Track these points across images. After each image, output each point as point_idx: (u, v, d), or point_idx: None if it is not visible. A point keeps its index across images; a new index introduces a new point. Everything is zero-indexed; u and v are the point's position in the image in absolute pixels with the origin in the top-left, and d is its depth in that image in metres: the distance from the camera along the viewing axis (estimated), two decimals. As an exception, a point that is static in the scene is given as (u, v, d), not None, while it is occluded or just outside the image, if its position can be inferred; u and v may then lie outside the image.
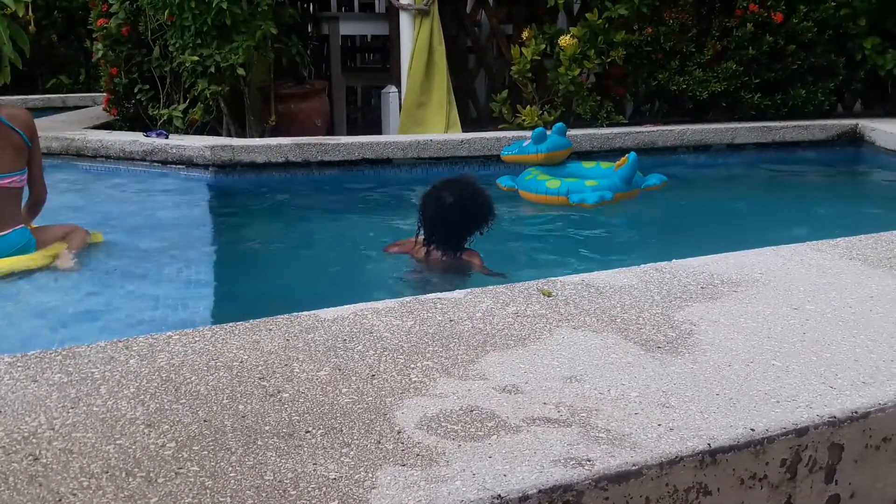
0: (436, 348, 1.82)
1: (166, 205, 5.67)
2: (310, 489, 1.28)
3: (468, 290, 2.20)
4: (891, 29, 7.54)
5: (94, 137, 6.69)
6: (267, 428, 1.47)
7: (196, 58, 6.59)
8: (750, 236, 4.18)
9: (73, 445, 1.41)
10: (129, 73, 7.38)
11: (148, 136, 6.61)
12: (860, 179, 6.81)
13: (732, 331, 1.93)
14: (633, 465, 1.36)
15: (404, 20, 7.41)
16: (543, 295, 2.17)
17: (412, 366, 1.73)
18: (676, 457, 1.39)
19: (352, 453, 1.38)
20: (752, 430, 1.47)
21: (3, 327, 3.49)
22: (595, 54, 7.04)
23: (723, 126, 7.21)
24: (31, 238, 4.12)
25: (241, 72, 6.65)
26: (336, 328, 1.92)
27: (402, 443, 1.42)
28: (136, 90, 7.35)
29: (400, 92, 7.55)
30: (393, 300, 2.12)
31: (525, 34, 7.32)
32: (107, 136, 6.74)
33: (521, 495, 1.28)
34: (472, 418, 1.51)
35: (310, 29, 8.67)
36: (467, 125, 7.54)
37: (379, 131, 7.78)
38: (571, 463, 1.35)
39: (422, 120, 7.38)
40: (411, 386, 1.64)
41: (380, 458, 1.37)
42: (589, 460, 1.36)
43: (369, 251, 4.74)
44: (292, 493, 1.27)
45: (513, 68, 7.30)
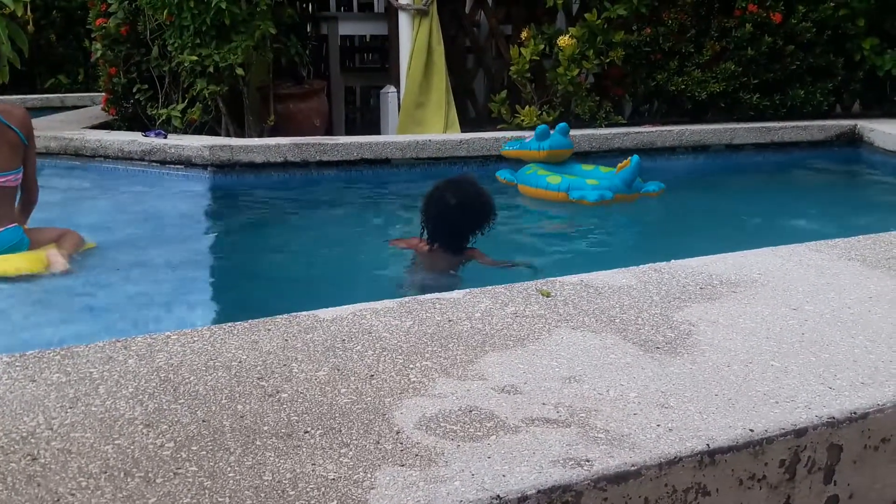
0: (435, 348, 1.82)
1: (165, 205, 5.66)
2: (308, 489, 1.28)
3: (467, 291, 2.20)
4: (889, 30, 7.54)
5: (93, 137, 6.68)
6: (265, 428, 1.47)
7: (195, 57, 6.59)
8: (748, 237, 4.20)
9: (72, 445, 1.41)
10: (128, 72, 7.37)
11: (146, 135, 6.60)
12: (859, 180, 6.81)
13: (731, 331, 1.93)
14: (632, 466, 1.36)
15: (403, 20, 7.40)
16: (542, 295, 2.17)
17: (411, 366, 1.73)
18: (675, 457, 1.39)
19: (350, 453, 1.38)
20: (751, 430, 1.47)
21: (2, 327, 3.48)
22: (594, 55, 7.04)
23: (721, 126, 7.21)
24: (25, 237, 4.10)
25: (239, 72, 6.64)
26: (335, 328, 1.92)
27: (401, 443, 1.42)
28: (134, 90, 7.34)
29: (399, 92, 7.54)
30: (392, 300, 2.12)
31: (524, 34, 7.32)
32: (105, 136, 6.73)
33: (520, 496, 1.28)
34: (470, 418, 1.51)
35: (309, 29, 8.67)
36: (466, 125, 7.53)
37: (377, 131, 7.77)
38: (570, 463, 1.35)
39: (420, 120, 7.37)
40: (410, 386, 1.63)
41: (379, 459, 1.37)
42: (588, 461, 1.36)
43: (368, 251, 4.74)
44: (291, 493, 1.27)
45: (511, 68, 7.30)
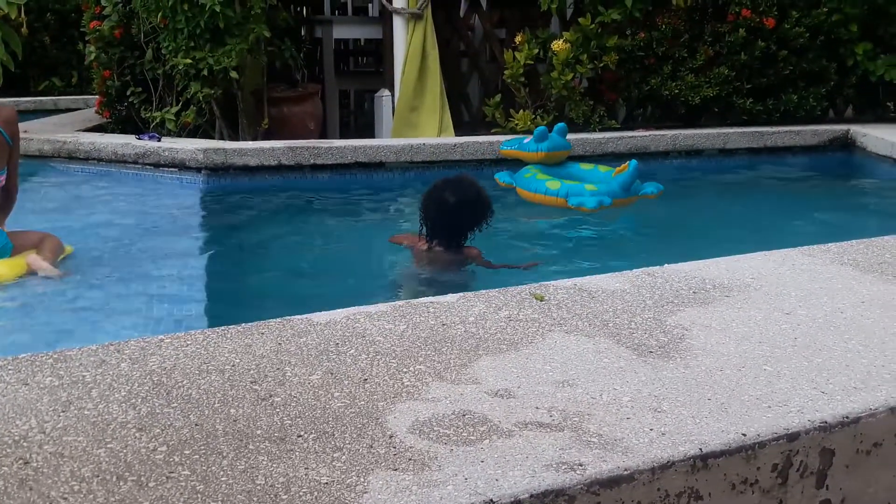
0: (428, 352, 1.82)
1: (158, 208, 5.66)
2: (301, 493, 1.28)
3: (461, 295, 2.20)
4: (882, 35, 7.56)
5: (87, 140, 6.67)
6: (259, 432, 1.46)
7: (189, 60, 6.58)
8: (741, 241, 4.20)
9: (64, 449, 1.40)
10: (122, 75, 7.36)
11: (140, 138, 6.59)
12: (851, 185, 6.83)
13: (724, 336, 1.94)
14: (625, 470, 1.36)
15: (398, 24, 7.41)
16: (536, 299, 2.17)
17: (404, 370, 1.73)
18: (668, 462, 1.40)
19: (343, 458, 1.38)
20: (744, 435, 1.48)
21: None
22: (588, 59, 7.05)
23: (715, 131, 7.23)
24: (9, 242, 4.07)
25: (233, 75, 6.64)
26: (328, 332, 1.92)
27: (394, 447, 1.42)
28: (128, 93, 7.33)
29: (393, 96, 7.55)
30: (385, 304, 2.12)
31: (518, 38, 7.33)
32: (99, 139, 6.73)
33: (513, 500, 1.28)
34: (464, 423, 1.51)
35: (303, 32, 8.67)
36: (460, 129, 7.54)
37: (372, 135, 7.78)
38: (563, 468, 1.35)
39: (415, 124, 7.38)
40: (403, 390, 1.63)
41: (372, 463, 1.37)
42: (581, 465, 1.36)
43: (361, 254, 4.75)
44: (284, 497, 1.27)
45: (506, 72, 7.31)
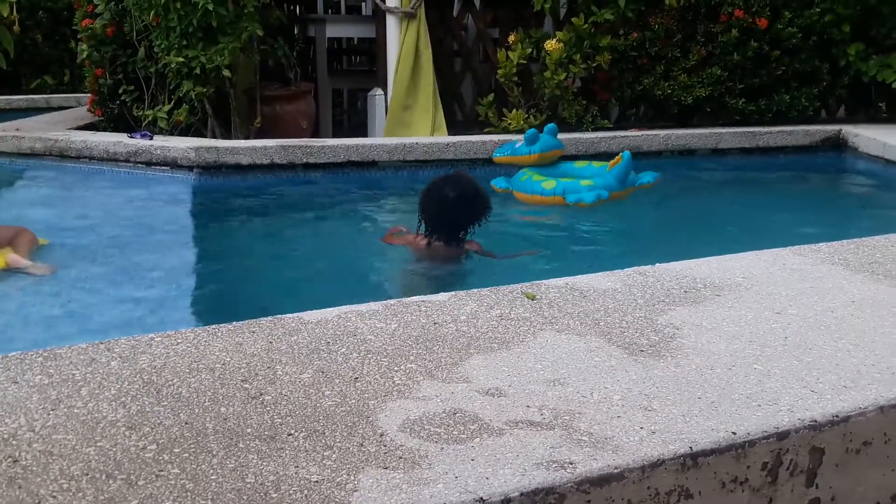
0: (419, 351, 1.82)
1: (150, 206, 5.64)
2: (291, 492, 1.28)
3: (452, 293, 2.21)
4: (874, 36, 7.59)
5: (78, 138, 6.64)
6: (249, 430, 1.46)
7: (181, 59, 6.57)
8: (733, 241, 4.21)
9: (54, 447, 1.40)
10: (114, 73, 7.34)
11: (132, 137, 6.57)
12: (843, 185, 6.85)
13: (715, 334, 1.94)
14: (615, 468, 1.37)
15: (391, 23, 7.40)
16: (527, 298, 2.17)
17: (396, 368, 1.73)
18: (658, 460, 1.40)
19: (334, 456, 1.38)
20: (734, 433, 1.48)
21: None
22: (581, 59, 7.06)
23: (707, 131, 7.24)
24: None
25: (226, 73, 6.62)
26: (320, 331, 1.92)
27: (385, 445, 1.42)
28: (120, 91, 7.31)
29: (386, 95, 7.54)
30: (377, 303, 2.12)
31: (511, 38, 7.33)
32: (91, 137, 6.70)
33: (503, 498, 1.28)
34: (455, 421, 1.51)
35: (296, 31, 8.66)
36: (453, 128, 7.54)
37: (365, 134, 7.77)
38: (554, 466, 1.36)
39: (408, 123, 7.37)
40: (394, 389, 1.63)
41: (362, 461, 1.37)
42: (571, 463, 1.36)
43: (353, 253, 4.74)
44: (274, 495, 1.27)
45: (499, 72, 7.31)
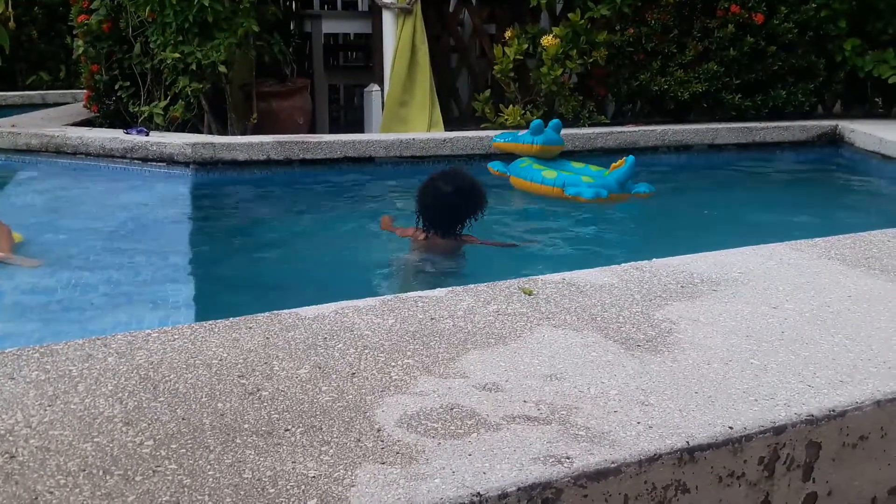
0: (416, 346, 1.82)
1: (147, 202, 5.63)
2: (289, 487, 1.28)
3: (449, 289, 2.21)
4: (870, 31, 7.59)
5: (75, 134, 6.63)
6: (246, 426, 1.46)
7: (177, 55, 6.55)
8: (729, 236, 4.20)
9: (51, 443, 1.40)
10: (110, 69, 7.33)
11: (128, 133, 6.56)
12: (839, 180, 6.86)
13: (711, 329, 1.94)
14: (612, 463, 1.37)
15: (387, 19, 7.40)
16: (524, 293, 2.17)
17: (393, 364, 1.73)
18: (655, 454, 1.40)
19: (331, 451, 1.38)
20: (731, 428, 1.48)
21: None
22: (577, 54, 7.06)
23: (704, 126, 7.25)
24: None
25: (222, 69, 6.61)
26: (316, 326, 1.92)
27: (382, 441, 1.42)
28: (116, 87, 7.29)
29: (382, 90, 7.54)
30: (374, 298, 2.12)
31: (508, 34, 7.33)
32: (87, 133, 6.69)
33: (500, 493, 1.28)
34: (452, 416, 1.51)
35: (292, 27, 8.64)
36: (450, 124, 7.54)
37: (361, 130, 7.76)
38: (551, 461, 1.36)
39: (404, 118, 7.37)
40: (391, 384, 1.63)
41: (359, 457, 1.37)
42: (568, 458, 1.37)
43: (350, 249, 4.74)
44: (271, 491, 1.27)
45: (495, 68, 7.31)
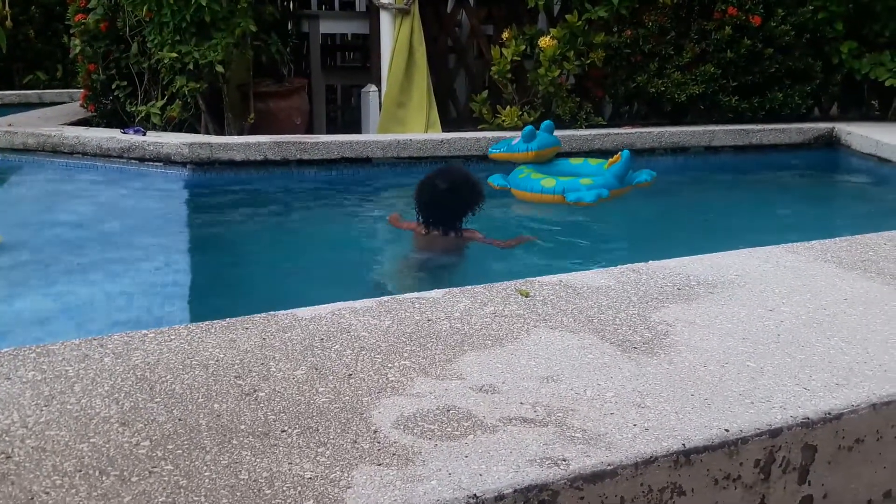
0: (413, 348, 1.82)
1: (143, 202, 5.63)
2: (285, 488, 1.28)
3: (446, 290, 2.21)
4: (867, 34, 7.61)
5: (71, 134, 6.63)
6: (242, 427, 1.46)
7: (174, 54, 6.55)
8: (726, 238, 4.22)
9: (47, 443, 1.40)
10: (107, 69, 7.31)
11: (125, 132, 6.55)
12: (836, 182, 6.87)
13: (708, 332, 1.95)
14: (609, 465, 1.37)
15: (385, 19, 7.39)
16: (521, 295, 2.17)
17: (389, 365, 1.73)
18: (651, 457, 1.40)
19: (328, 453, 1.38)
20: (727, 430, 1.48)
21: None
22: (574, 56, 7.07)
23: (700, 128, 7.26)
24: None
25: (219, 69, 6.61)
26: (313, 327, 1.92)
27: (379, 442, 1.42)
28: (113, 86, 7.28)
29: (380, 91, 7.54)
30: (371, 299, 2.12)
31: (505, 35, 7.33)
32: (84, 133, 6.69)
33: (496, 495, 1.28)
34: (448, 418, 1.51)
35: (289, 27, 8.64)
36: (447, 125, 7.54)
37: (358, 130, 7.76)
38: (547, 463, 1.36)
39: (402, 119, 7.37)
40: (388, 385, 1.63)
41: (356, 458, 1.37)
42: (564, 460, 1.37)
43: (347, 250, 4.74)
44: (267, 492, 1.27)
45: (493, 69, 7.31)
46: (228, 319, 1.95)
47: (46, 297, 3.77)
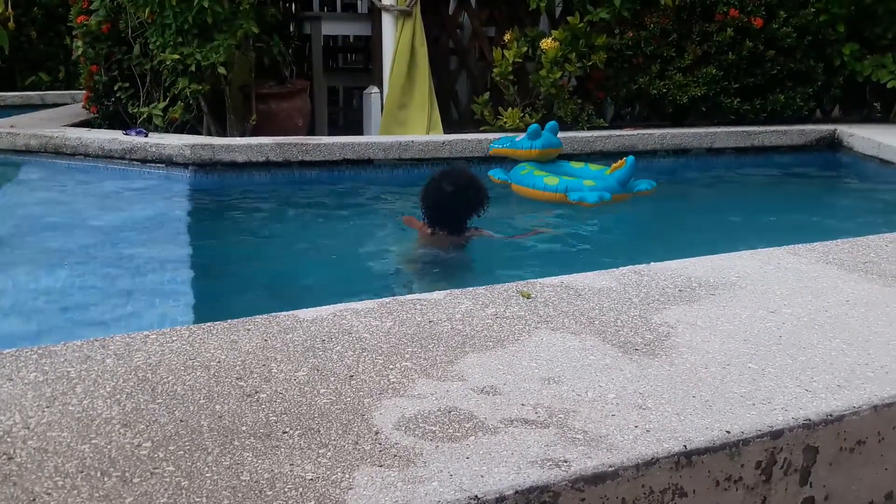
0: (415, 349, 1.82)
1: (145, 204, 5.63)
2: (286, 490, 1.28)
3: (447, 291, 2.21)
4: (868, 36, 7.61)
5: (73, 135, 6.63)
6: (244, 428, 1.46)
7: (177, 56, 6.55)
8: (728, 240, 4.22)
9: (48, 445, 1.40)
10: (109, 70, 7.32)
11: (127, 134, 6.56)
12: (838, 184, 6.87)
13: (709, 333, 1.94)
14: (610, 467, 1.37)
15: (386, 21, 7.40)
16: (523, 297, 2.17)
17: (391, 366, 1.73)
18: (652, 458, 1.40)
19: (329, 454, 1.38)
20: (728, 432, 1.48)
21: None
22: (576, 57, 7.07)
23: (702, 130, 7.25)
24: None
25: (221, 71, 6.61)
26: (315, 328, 1.92)
27: (380, 443, 1.42)
28: (115, 88, 7.29)
29: (382, 93, 7.54)
30: (372, 301, 2.12)
31: (507, 37, 7.34)
32: (86, 134, 6.69)
33: (497, 496, 1.28)
34: (450, 419, 1.51)
35: (291, 28, 8.64)
36: (449, 127, 7.54)
37: (360, 132, 7.76)
38: (548, 464, 1.36)
39: (403, 121, 7.37)
40: (390, 387, 1.63)
41: (357, 459, 1.37)
42: (566, 461, 1.37)
43: (348, 251, 4.74)
44: (269, 493, 1.27)
45: (494, 70, 7.31)
46: (230, 321, 1.95)
47: (48, 297, 3.78)
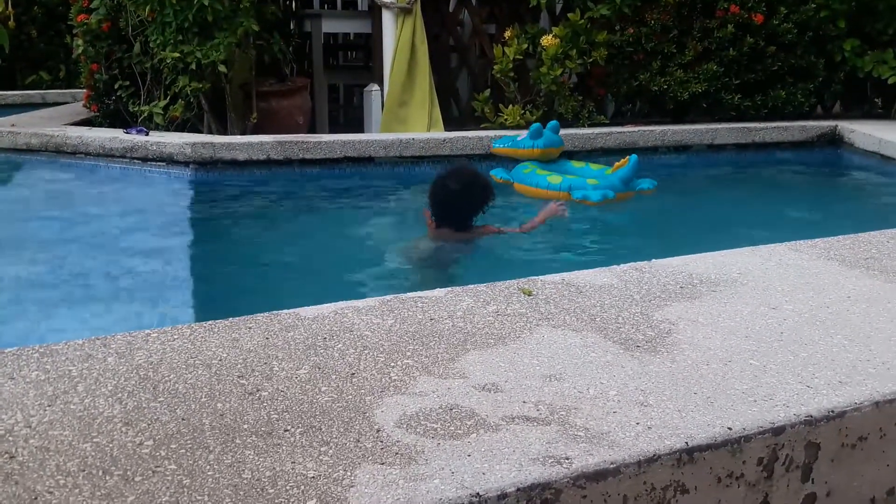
0: (416, 347, 1.82)
1: (146, 202, 5.63)
2: (288, 487, 1.28)
3: (449, 289, 2.21)
4: (869, 31, 7.60)
5: (74, 134, 6.63)
6: (245, 426, 1.46)
7: (177, 54, 6.55)
8: (729, 236, 4.21)
9: (50, 443, 1.40)
10: (110, 69, 7.33)
11: (128, 132, 6.56)
12: (839, 180, 6.86)
13: (711, 330, 1.94)
14: (612, 464, 1.37)
15: (387, 18, 7.40)
16: (524, 294, 2.17)
17: (392, 364, 1.73)
18: (654, 455, 1.40)
19: (331, 452, 1.38)
20: (730, 428, 1.48)
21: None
22: (577, 54, 7.06)
23: (703, 127, 7.25)
24: None
25: (222, 69, 6.61)
26: (316, 326, 1.92)
27: (382, 441, 1.42)
28: (116, 86, 7.29)
29: (382, 90, 7.54)
30: (373, 298, 2.12)
31: (507, 33, 7.33)
32: (86, 133, 6.69)
33: (499, 493, 1.28)
34: (451, 417, 1.51)
35: (292, 26, 8.64)
36: (449, 124, 7.54)
37: (361, 129, 7.76)
38: (550, 461, 1.36)
39: (404, 118, 7.37)
40: (391, 384, 1.64)
41: (359, 457, 1.37)
42: (567, 458, 1.37)
43: (349, 249, 4.74)
44: (270, 491, 1.27)
45: (495, 67, 7.31)
46: (231, 319, 1.95)
47: (49, 296, 3.78)
